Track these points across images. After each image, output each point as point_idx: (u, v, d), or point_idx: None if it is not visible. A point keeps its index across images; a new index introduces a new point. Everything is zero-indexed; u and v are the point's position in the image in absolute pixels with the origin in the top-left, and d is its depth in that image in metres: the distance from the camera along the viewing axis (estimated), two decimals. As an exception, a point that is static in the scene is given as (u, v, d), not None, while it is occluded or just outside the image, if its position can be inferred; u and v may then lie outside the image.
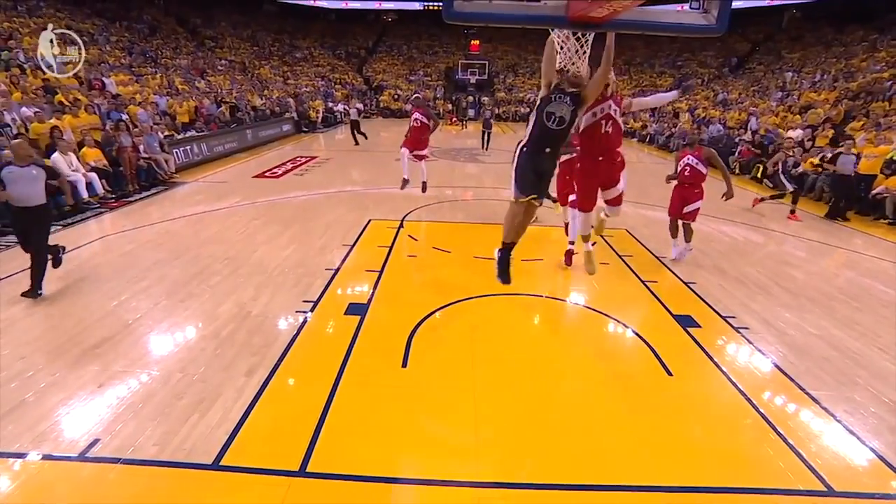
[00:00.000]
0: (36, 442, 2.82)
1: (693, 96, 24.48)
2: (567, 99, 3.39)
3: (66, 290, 4.81)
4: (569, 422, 3.15)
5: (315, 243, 6.38)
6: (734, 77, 25.36)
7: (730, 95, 21.63)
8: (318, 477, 2.64)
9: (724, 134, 15.42)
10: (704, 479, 2.71)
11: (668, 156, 16.57)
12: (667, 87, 26.75)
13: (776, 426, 3.13)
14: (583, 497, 2.57)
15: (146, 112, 12.01)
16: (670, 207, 5.95)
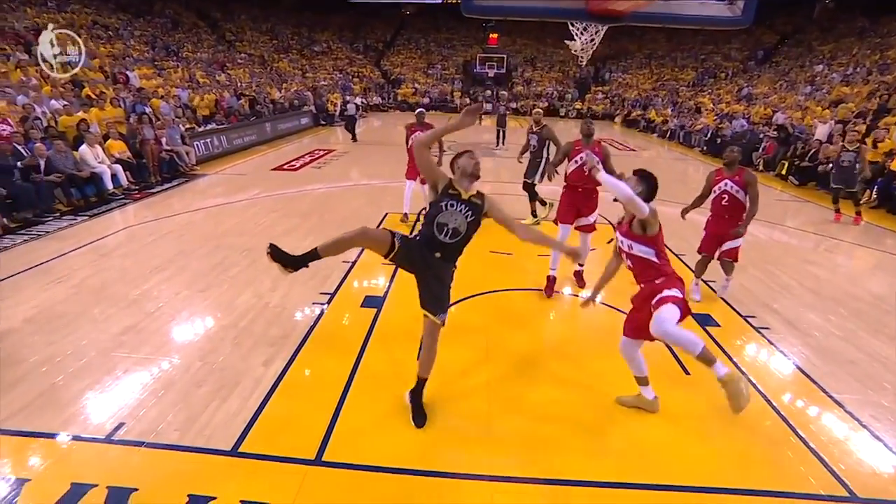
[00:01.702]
0: (65, 423, 2.92)
1: (716, 90, 23.93)
2: (463, 207, 2.77)
3: (93, 278, 4.94)
4: (583, 418, 3.13)
5: (332, 236, 6.40)
6: (760, 71, 24.67)
7: (755, 90, 21.09)
8: (334, 466, 2.68)
9: (749, 129, 15.05)
10: (720, 479, 2.67)
11: (689, 152, 16.26)
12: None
13: (797, 429, 3.06)
14: (596, 493, 2.56)
15: (168, 105, 12.24)
16: (702, 243, 4.90)
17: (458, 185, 2.86)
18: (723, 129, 15.93)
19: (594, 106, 27.47)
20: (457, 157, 3.00)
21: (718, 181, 4.63)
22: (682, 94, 25.44)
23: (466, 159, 2.92)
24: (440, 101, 28.45)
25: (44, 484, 2.50)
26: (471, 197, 2.83)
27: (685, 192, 6.25)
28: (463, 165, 2.89)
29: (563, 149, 4.99)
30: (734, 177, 4.53)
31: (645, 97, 26.37)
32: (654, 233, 2.90)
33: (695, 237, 6.61)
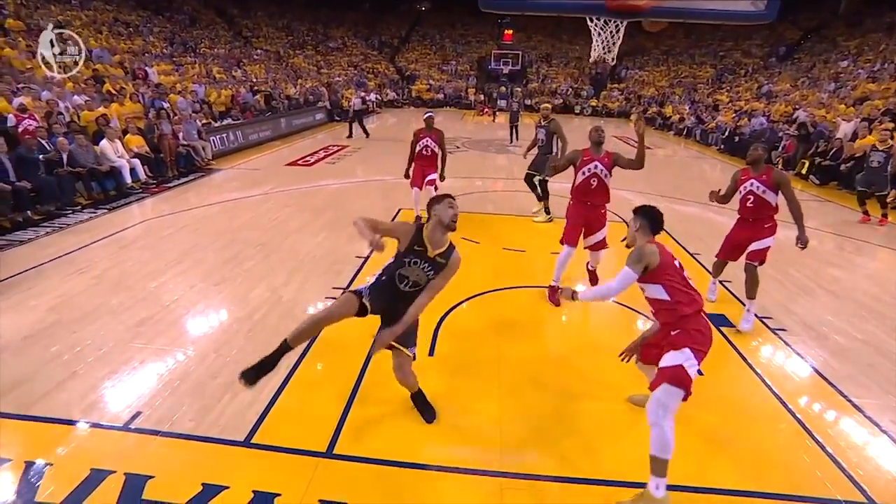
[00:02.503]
0: (85, 411, 3.00)
1: (734, 87, 23.49)
2: (426, 265, 2.67)
3: (112, 270, 5.05)
4: (594, 417, 3.12)
5: (345, 231, 6.47)
6: (781, 67, 24.12)
7: (776, 87, 20.63)
8: (345, 459, 2.71)
9: (768, 127, 14.74)
10: (734, 482, 2.64)
11: (706, 150, 16.01)
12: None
13: (814, 433, 3.01)
14: (607, 492, 2.55)
15: (185, 100, 12.41)
16: (721, 248, 4.54)
17: (427, 239, 2.64)
18: (741, 126, 15.64)
19: (609, 103, 27.15)
20: (436, 201, 2.70)
21: (744, 181, 4.24)
22: (700, 91, 25.02)
23: (445, 207, 2.64)
24: (454, 97, 28.38)
25: (65, 469, 2.57)
26: (436, 256, 2.65)
27: (701, 191, 6.15)
28: (440, 214, 2.63)
29: (570, 156, 4.61)
30: (761, 176, 4.15)
31: (662, 94, 26.00)
32: (654, 266, 2.51)
33: (710, 236, 6.53)
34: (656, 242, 2.63)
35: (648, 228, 2.68)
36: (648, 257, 2.53)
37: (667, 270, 2.54)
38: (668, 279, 2.53)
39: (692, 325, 2.50)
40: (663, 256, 2.54)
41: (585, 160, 4.45)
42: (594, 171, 4.40)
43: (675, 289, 2.53)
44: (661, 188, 9.18)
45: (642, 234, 2.70)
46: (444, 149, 6.57)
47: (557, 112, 25.95)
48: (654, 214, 2.70)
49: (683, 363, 2.41)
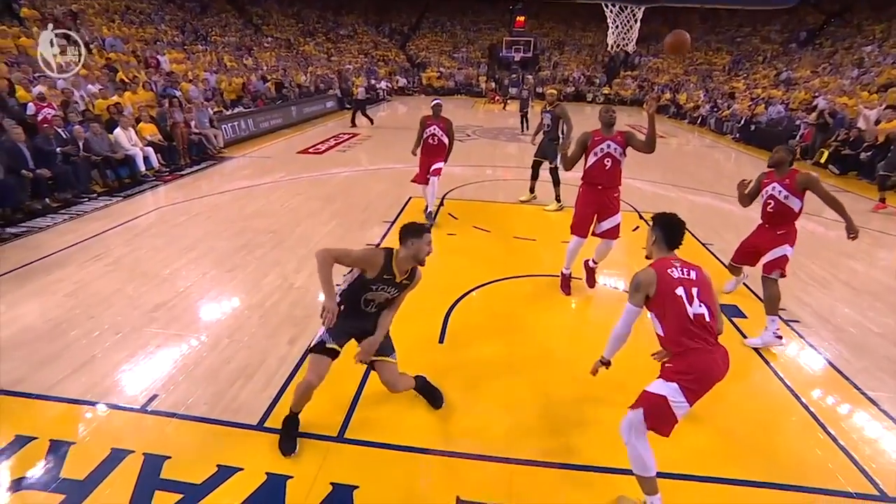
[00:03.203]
0: (104, 393, 3.07)
1: (752, 75, 22.95)
2: (392, 289, 2.72)
3: (127, 257, 5.13)
4: (604, 406, 3.12)
5: (356, 219, 6.50)
6: (802, 53, 23.47)
7: (795, 73, 20.10)
8: (355, 443, 2.75)
9: (786, 116, 14.42)
10: (743, 472, 2.63)
11: (721, 139, 15.72)
12: None
13: (826, 426, 2.98)
14: (615, 480, 2.56)
15: (197, 88, 12.46)
16: (735, 251, 4.27)
17: (396, 269, 2.65)
18: (758, 115, 15.31)
19: (623, 91, 26.71)
20: (414, 234, 2.64)
21: (766, 184, 3.92)
22: (716, 78, 24.50)
23: (423, 244, 2.64)
24: (465, 85, 28.13)
25: (87, 447, 2.65)
26: (402, 280, 2.69)
27: (715, 181, 6.06)
28: (416, 250, 2.63)
29: (580, 139, 4.29)
30: (784, 180, 3.78)
31: (676, 82, 25.50)
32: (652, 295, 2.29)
33: (723, 227, 6.45)
34: (662, 265, 2.31)
35: (664, 242, 2.42)
36: (645, 287, 2.29)
37: (663, 300, 2.24)
38: (659, 310, 2.27)
39: (691, 361, 2.20)
40: (661, 285, 2.25)
41: (597, 140, 4.22)
42: (607, 150, 4.18)
43: (669, 323, 2.25)
44: (674, 177, 9.05)
45: (657, 248, 2.45)
46: (451, 139, 6.30)
47: (569, 100, 25.64)
48: (672, 227, 2.43)
49: (668, 397, 2.18)
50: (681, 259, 2.39)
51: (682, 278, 2.27)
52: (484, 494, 2.45)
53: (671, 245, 2.43)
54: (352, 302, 2.72)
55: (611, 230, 4.37)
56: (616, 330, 2.45)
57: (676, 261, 2.36)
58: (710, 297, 2.27)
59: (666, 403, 2.18)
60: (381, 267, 2.62)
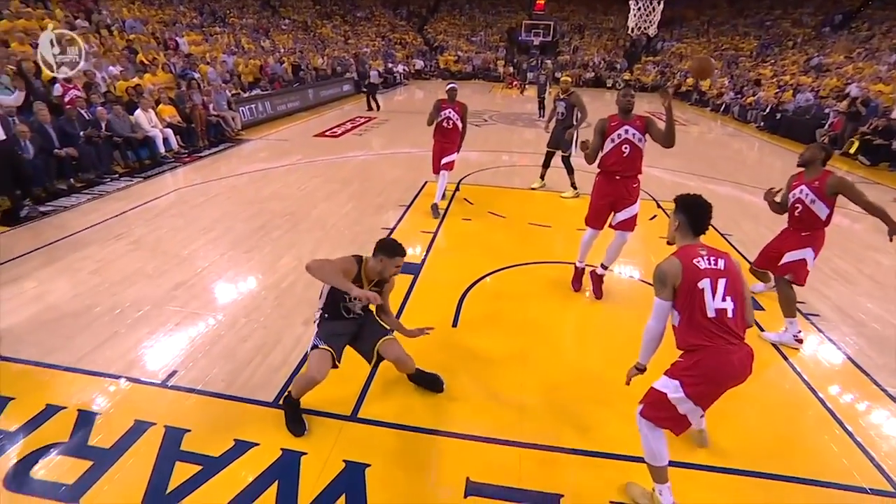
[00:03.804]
0: (127, 368, 3.18)
1: (780, 60, 22.17)
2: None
3: (148, 236, 5.24)
4: (616, 394, 3.11)
5: (372, 202, 6.52)
6: (836, 37, 22.49)
7: (827, 59, 19.30)
8: (368, 423, 2.80)
9: (815, 103, 13.93)
10: (753, 464, 2.62)
11: (744, 128, 15.29)
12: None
13: (843, 422, 2.94)
14: (623, 466, 2.57)
15: (215, 71, 12.51)
16: (759, 255, 4.03)
17: (364, 278, 2.75)
18: (784, 102, 14.82)
19: (643, 77, 26.08)
20: (386, 251, 2.71)
21: (795, 186, 3.64)
22: (742, 64, 23.72)
23: (391, 265, 2.72)
24: (483, 69, 27.76)
25: (112, 419, 2.75)
26: (370, 288, 2.77)
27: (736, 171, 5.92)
28: (383, 267, 2.72)
29: (597, 127, 4.03)
30: (812, 182, 3.51)
31: (700, 68, 24.74)
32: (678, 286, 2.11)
33: (744, 218, 6.32)
34: (686, 254, 2.13)
35: (689, 227, 2.22)
36: (672, 279, 2.11)
37: (685, 293, 2.09)
38: (678, 302, 2.13)
39: (698, 359, 2.08)
40: (686, 276, 2.08)
41: (613, 126, 3.96)
42: (625, 136, 3.93)
43: (685, 317, 2.11)
44: (694, 166, 8.87)
45: (681, 234, 2.25)
46: (465, 124, 6.14)
47: (589, 86, 25.15)
48: (698, 210, 2.21)
49: (668, 393, 2.11)
50: (707, 246, 2.19)
51: (708, 269, 2.08)
52: (494, 476, 2.48)
53: (696, 231, 2.23)
54: (333, 311, 2.82)
55: (627, 221, 4.08)
56: (649, 331, 2.24)
57: (702, 248, 2.17)
58: (737, 290, 2.10)
59: (665, 399, 2.12)
60: (354, 275, 2.71)
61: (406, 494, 2.38)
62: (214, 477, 2.40)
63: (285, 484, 2.38)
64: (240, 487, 2.35)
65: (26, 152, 6.10)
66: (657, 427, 2.20)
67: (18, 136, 6.04)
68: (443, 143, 6.10)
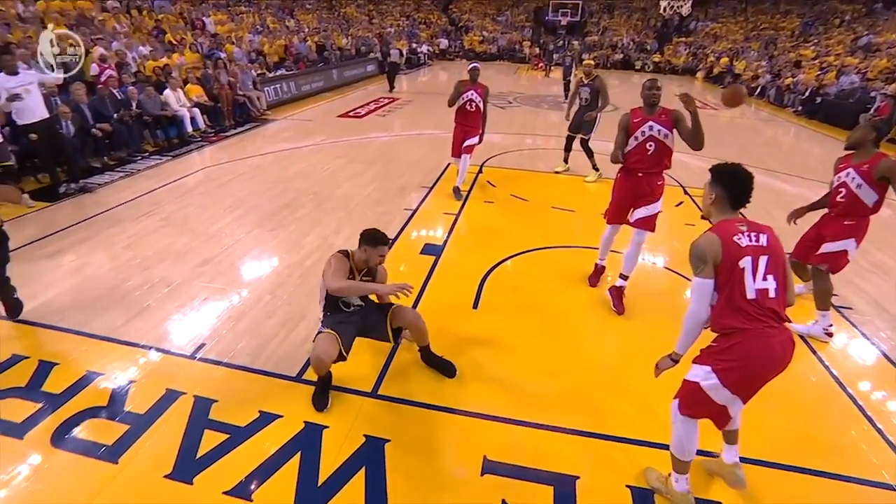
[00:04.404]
0: (158, 339, 3.30)
1: (824, 40, 21.01)
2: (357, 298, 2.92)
3: (177, 213, 5.38)
4: (634, 379, 3.09)
5: (395, 183, 6.54)
6: (889, 14, 21.02)
7: (878, 38, 18.10)
8: (389, 400, 2.86)
9: (860, 86, 13.19)
10: (774, 454, 2.58)
11: (780, 113, 14.65)
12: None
13: (873, 419, 2.85)
14: (640, 452, 2.56)
15: (241, 50, 12.59)
16: (797, 244, 3.76)
17: (355, 270, 2.86)
18: (826, 85, 14.10)
19: (674, 59, 25.12)
20: (370, 241, 2.81)
21: (841, 169, 3.38)
22: (782, 44, 22.56)
23: (375, 255, 2.82)
24: (508, 50, 27.19)
25: (145, 386, 2.89)
26: (361, 278, 2.90)
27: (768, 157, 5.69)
28: (367, 257, 2.83)
29: (621, 123, 3.73)
30: (861, 165, 3.22)
31: (734, 49, 23.66)
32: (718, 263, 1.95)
33: (775, 205, 6.09)
34: (725, 230, 1.96)
35: (727, 201, 2.04)
36: (712, 256, 1.93)
37: (724, 273, 1.94)
38: (721, 284, 1.96)
39: (734, 343, 1.94)
40: (726, 254, 1.92)
41: (636, 122, 3.65)
42: (649, 133, 3.63)
43: (722, 298, 1.96)
44: (723, 152, 8.52)
45: (718, 208, 2.06)
46: (486, 106, 5.95)
47: (617, 68, 24.40)
48: (737, 181, 2.02)
49: (700, 381, 2.01)
50: (747, 220, 2.02)
51: (750, 246, 1.92)
52: (510, 455, 2.51)
53: (736, 204, 2.04)
54: (334, 307, 2.90)
55: (646, 219, 3.76)
56: (692, 316, 2.03)
57: (742, 223, 1.99)
58: (779, 267, 1.95)
59: (698, 389, 2.01)
60: (348, 270, 2.81)
61: (424, 470, 2.43)
62: (241, 445, 2.50)
63: (308, 455, 2.46)
64: (264, 456, 2.44)
65: (67, 131, 6.31)
66: (694, 421, 2.12)
67: (60, 115, 6.25)
68: (465, 127, 5.92)
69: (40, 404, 2.72)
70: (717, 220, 2.06)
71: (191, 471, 2.36)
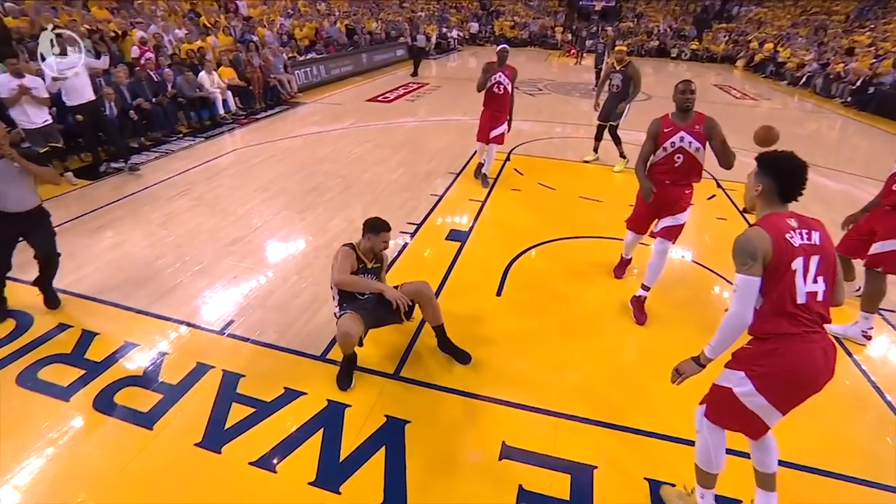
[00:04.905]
0: (190, 315, 3.43)
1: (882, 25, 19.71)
2: (369, 275, 3.04)
3: (208, 193, 5.53)
4: (655, 372, 3.03)
5: (422, 169, 6.54)
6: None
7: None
8: (409, 382, 2.90)
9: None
10: (803, 457, 2.51)
11: (826, 104, 13.91)
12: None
13: (914, 426, 2.74)
14: (658, 445, 2.54)
15: (272, 34, 12.70)
16: (843, 238, 3.57)
17: (363, 257, 3.01)
18: (881, 74, 13.23)
19: (713, 46, 24.07)
20: (372, 230, 2.95)
21: None
22: (833, 30, 21.25)
23: (378, 241, 2.97)
24: (540, 36, 26.61)
25: (177, 359, 3.01)
26: (372, 265, 3.06)
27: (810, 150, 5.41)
28: (372, 244, 2.98)
29: (650, 131, 3.40)
30: None
31: (779, 36, 22.50)
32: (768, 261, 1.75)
33: (812, 201, 5.82)
34: (775, 226, 1.75)
35: (776, 193, 1.82)
36: (762, 252, 1.71)
37: (773, 274, 1.73)
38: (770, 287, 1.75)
39: (773, 348, 1.77)
40: (777, 254, 1.72)
41: (667, 132, 3.32)
42: (680, 144, 3.31)
43: (769, 302, 1.76)
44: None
45: (765, 200, 1.86)
46: (513, 89, 5.73)
47: (651, 56, 23.60)
48: (789, 171, 1.80)
49: (733, 387, 1.85)
50: (797, 215, 1.81)
51: (803, 245, 1.73)
52: (529, 442, 2.52)
53: (786, 197, 1.82)
54: (348, 298, 2.98)
55: (671, 229, 3.50)
56: (733, 319, 1.78)
57: (792, 218, 1.80)
58: (830, 268, 1.78)
59: (730, 396, 1.84)
60: (354, 261, 2.95)
61: (443, 451, 2.47)
62: (266, 419, 2.58)
63: (330, 432, 2.53)
64: (288, 431, 2.52)
65: (110, 112, 6.53)
66: (721, 428, 1.98)
67: (105, 97, 6.47)
68: (493, 111, 5.75)
69: (83, 371, 2.88)
70: (764, 215, 1.85)
71: (219, 440, 2.46)
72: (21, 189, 3.14)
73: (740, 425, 1.93)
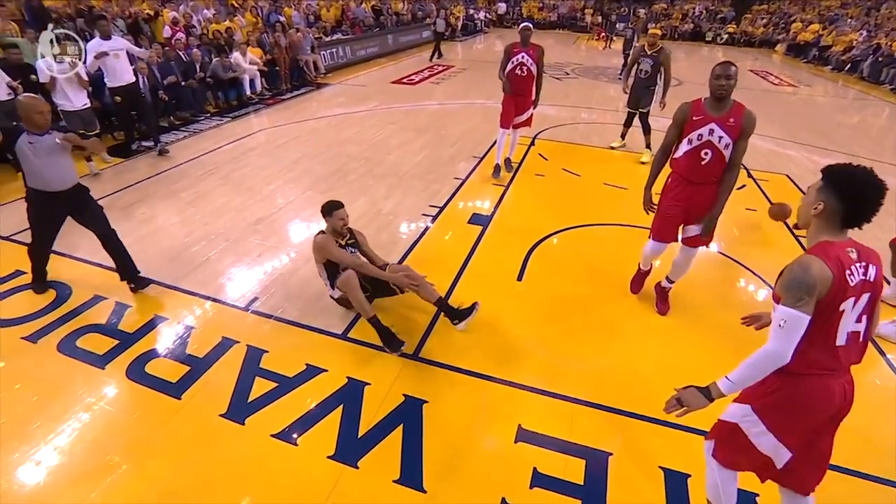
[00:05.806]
0: (216, 291, 3.53)
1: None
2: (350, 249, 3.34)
3: (235, 173, 5.63)
4: (676, 365, 3.01)
5: (445, 152, 6.51)
6: None
7: None
8: (428, 363, 2.94)
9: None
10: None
11: (873, 90, 13.19)
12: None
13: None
14: (675, 435, 2.51)
15: (299, 14, 12.70)
16: None
17: (335, 238, 3.25)
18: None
19: (752, 28, 22.91)
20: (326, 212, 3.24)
21: None
22: (887, 10, 19.82)
23: (335, 220, 3.22)
24: (569, 18, 25.89)
25: (203, 333, 3.11)
26: (347, 242, 3.33)
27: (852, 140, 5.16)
28: (332, 225, 3.24)
29: (676, 117, 2.99)
30: None
31: (826, 17, 21.26)
32: (823, 297, 1.50)
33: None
34: (837, 260, 1.49)
35: (839, 217, 1.53)
36: (822, 286, 1.47)
37: (822, 312, 1.50)
38: (818, 326, 1.52)
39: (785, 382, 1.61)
40: (835, 289, 1.48)
41: (696, 121, 2.89)
42: (708, 138, 2.88)
43: (808, 340, 1.52)
44: (796, 133, 7.82)
45: (823, 223, 1.57)
46: (541, 70, 5.29)
47: (685, 39, 22.72)
48: (860, 195, 1.50)
49: (739, 422, 1.71)
50: (857, 244, 1.56)
51: (859, 283, 1.50)
52: (545, 426, 2.53)
53: (850, 223, 1.54)
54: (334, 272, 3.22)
55: (699, 238, 3.22)
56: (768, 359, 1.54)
57: (853, 249, 1.53)
58: (875, 305, 1.59)
59: (737, 431, 1.72)
60: (333, 242, 3.20)
61: (459, 432, 2.50)
62: (288, 394, 2.66)
63: (349, 409, 2.59)
64: (309, 406, 2.59)
65: (145, 90, 6.66)
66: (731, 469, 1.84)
67: (138, 71, 6.55)
68: (516, 97, 5.34)
69: (117, 340, 3.01)
70: (820, 240, 1.57)
71: (243, 412, 2.54)
72: (63, 167, 3.18)
73: (749, 465, 1.79)
